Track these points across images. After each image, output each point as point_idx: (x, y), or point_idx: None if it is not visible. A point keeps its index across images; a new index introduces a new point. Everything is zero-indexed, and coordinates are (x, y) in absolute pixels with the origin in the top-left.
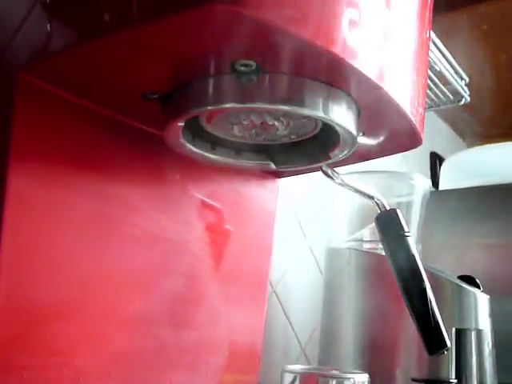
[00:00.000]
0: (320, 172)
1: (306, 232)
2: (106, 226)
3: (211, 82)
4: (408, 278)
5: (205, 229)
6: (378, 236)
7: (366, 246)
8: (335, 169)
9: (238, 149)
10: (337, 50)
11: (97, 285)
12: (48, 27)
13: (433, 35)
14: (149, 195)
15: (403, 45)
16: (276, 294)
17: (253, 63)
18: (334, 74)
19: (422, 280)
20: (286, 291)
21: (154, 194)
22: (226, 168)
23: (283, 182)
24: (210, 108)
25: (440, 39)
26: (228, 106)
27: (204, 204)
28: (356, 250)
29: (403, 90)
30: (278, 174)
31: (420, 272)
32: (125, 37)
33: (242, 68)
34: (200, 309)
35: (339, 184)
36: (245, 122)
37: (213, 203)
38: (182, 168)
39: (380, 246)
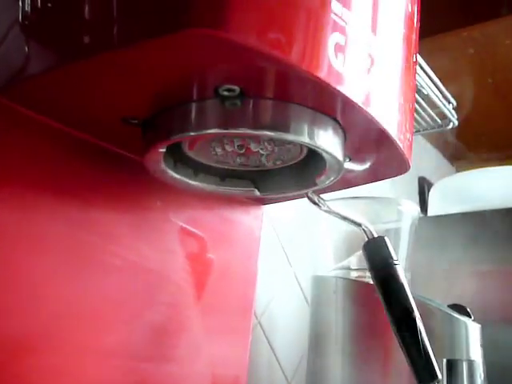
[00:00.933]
0: (306, 199)
1: (291, 260)
2: (83, 254)
3: (194, 106)
4: (397, 308)
5: (187, 257)
6: (365, 264)
7: (354, 274)
8: (321, 195)
9: (221, 175)
10: (322, 74)
11: (74, 317)
12: (26, 49)
13: (419, 58)
14: (129, 223)
15: (390, 69)
16: (260, 325)
17: (236, 88)
18: (319, 99)
19: (412, 309)
20: (270, 322)
21: (135, 221)
22: (209, 195)
23: (268, 209)
24: (192, 134)
25: (426, 62)
26: (211, 131)
27: (186, 232)
28: (343, 278)
29: (390, 114)
30: (262, 201)
31: (409, 301)
32: (105, 60)
33: (226, 93)
34: (182, 341)
35: (325, 211)
36: (229, 149)
37: (195, 231)
38: (163, 194)
39: (368, 274)
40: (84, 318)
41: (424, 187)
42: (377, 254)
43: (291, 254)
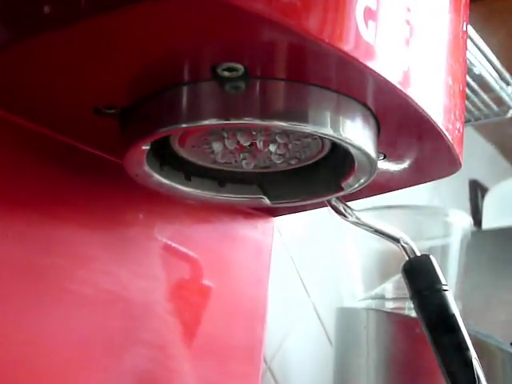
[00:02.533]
0: (328, 208)
1: (309, 288)
2: (47, 283)
3: (185, 91)
4: (448, 347)
5: (176, 285)
6: (405, 291)
7: (390, 305)
8: (348, 203)
9: (220, 179)
10: (348, 47)
11: (35, 361)
12: None
13: (470, 29)
14: (103, 242)
15: (434, 40)
16: (271, 372)
17: (240, 67)
18: (345, 80)
19: (466, 348)
20: (283, 367)
21: (110, 239)
22: (205, 205)
23: (279, 222)
24: (184, 126)
25: (479, 34)
26: (207, 122)
27: (175, 252)
28: (376, 310)
29: (435, 98)
30: (272, 212)
31: (463, 338)
32: (70, 34)
33: (226, 73)
34: None
35: (353, 223)
36: (230, 145)
37: (187, 251)
38: (146, 205)
39: (408, 304)
40: (48, 362)
41: (477, 193)
42: (420, 277)
43: (309, 279)
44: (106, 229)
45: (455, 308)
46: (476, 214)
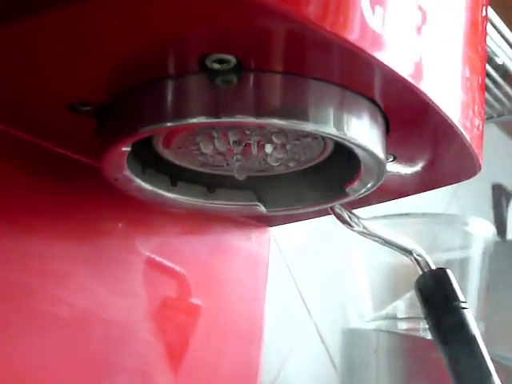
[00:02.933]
0: (331, 216)
1: (310, 306)
2: (16, 303)
3: (170, 85)
4: (468, 373)
5: (161, 304)
6: (419, 310)
7: (402, 325)
8: (354, 211)
9: (210, 184)
10: (353, 36)
11: None
12: None
13: (491, 12)
14: (79, 256)
15: (449, 27)
16: None
17: (231, 58)
18: (349, 72)
19: (489, 375)
20: None
21: (87, 253)
22: (193, 213)
23: (277, 233)
24: (168, 125)
25: (501, 18)
26: (195, 120)
27: (160, 267)
28: (388, 332)
29: (451, 92)
30: (269, 221)
31: (485, 363)
32: (40, 22)
33: (216, 65)
34: None
35: (360, 233)
36: (221, 147)
37: (173, 266)
38: (126, 214)
39: (423, 325)
40: None
41: (500, 199)
42: (435, 294)
43: (311, 296)
44: (82, 241)
45: (476, 329)
46: (500, 223)
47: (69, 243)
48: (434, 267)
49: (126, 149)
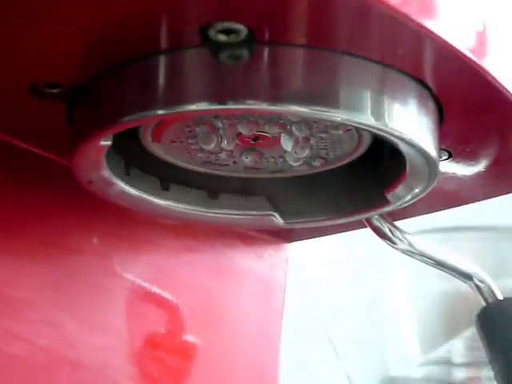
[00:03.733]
0: (367, 230)
1: (340, 348)
2: None
3: (163, 62)
4: None
5: (147, 342)
6: (481, 353)
7: (459, 373)
8: (397, 224)
9: (211, 188)
10: (396, 0)
11: None
12: None
13: None
14: (41, 280)
15: None
16: None
17: (241, 27)
18: (392, 46)
19: None
20: None
21: (52, 276)
22: (189, 226)
23: (296, 251)
24: (160, 113)
25: None
26: (194, 107)
27: (145, 294)
28: (439, 381)
29: None
30: (286, 236)
31: None
32: None
33: (222, 37)
34: None
35: (405, 252)
36: (225, 141)
37: (162, 293)
38: (103, 226)
39: (487, 372)
40: None
41: None
42: (503, 331)
43: (340, 336)
44: (46, 260)
45: None
46: None
47: (28, 263)
48: (500, 296)
49: (105, 143)
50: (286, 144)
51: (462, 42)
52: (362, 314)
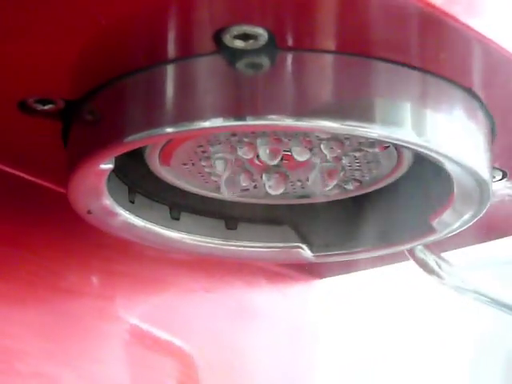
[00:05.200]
0: (410, 263)
1: None
2: None
3: (172, 72)
4: None
5: None
6: None
7: None
8: (444, 256)
9: (229, 217)
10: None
11: None
12: None
13: None
14: (34, 326)
15: None
16: None
17: (261, 32)
18: (435, 50)
19: None
20: None
21: (46, 321)
22: (204, 261)
23: (330, 290)
24: (169, 131)
25: None
26: (208, 124)
27: (152, 342)
28: None
29: None
30: (316, 272)
31: None
32: None
33: (239, 42)
34: None
35: (454, 288)
36: (244, 162)
37: (172, 340)
38: (104, 263)
39: None
40: None
41: None
42: None
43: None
44: (40, 305)
45: None
46: None
47: (20, 308)
48: None
49: (106, 166)
50: (314, 163)
51: None
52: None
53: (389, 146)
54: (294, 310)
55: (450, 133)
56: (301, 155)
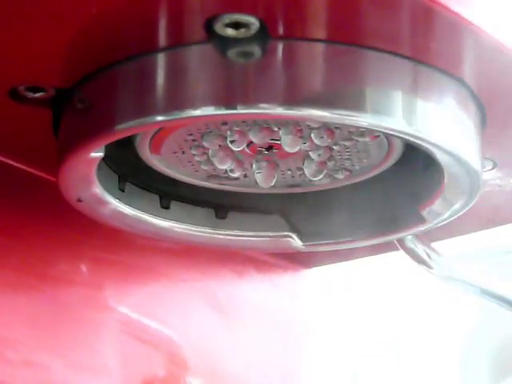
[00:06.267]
0: (400, 253)
1: None
2: None
3: (162, 61)
4: None
5: None
6: None
7: None
8: (434, 246)
9: (218, 206)
10: None
11: None
12: None
13: None
14: (24, 315)
15: None
16: None
17: (252, 20)
18: (426, 39)
19: None
20: None
21: (36, 310)
22: (193, 249)
23: (318, 279)
24: (159, 119)
25: None
26: (199, 113)
27: (142, 331)
28: None
29: None
30: (305, 261)
31: None
32: None
33: (230, 31)
34: None
35: (443, 278)
36: (235, 147)
37: (161, 329)
38: (94, 251)
39: None
40: None
41: None
42: None
43: (368, 374)
44: (29, 293)
45: None
46: None
47: (10, 296)
48: None
49: (96, 154)
50: (305, 153)
51: (506, 33)
52: (396, 350)
53: (379, 136)
54: (283, 299)
55: (441, 122)
56: (291, 144)
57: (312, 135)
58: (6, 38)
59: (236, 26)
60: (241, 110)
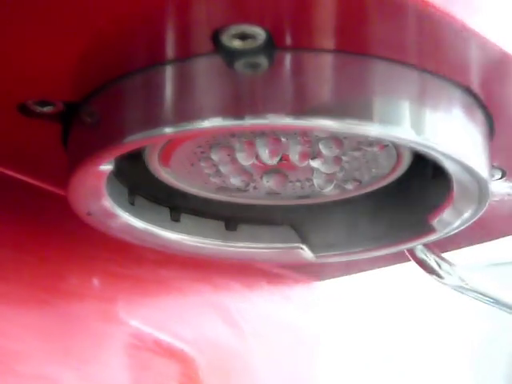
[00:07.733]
0: (411, 264)
1: None
2: None
3: (170, 73)
4: None
5: None
6: None
7: None
8: (444, 256)
9: (229, 218)
10: None
11: None
12: None
13: None
14: (36, 328)
15: None
16: None
17: (259, 31)
18: (433, 49)
19: None
20: None
21: (47, 324)
22: (204, 262)
23: (331, 292)
24: (168, 131)
25: None
26: (207, 124)
27: (154, 344)
28: None
29: None
30: (316, 273)
31: None
32: None
33: (237, 42)
34: None
35: (455, 288)
36: (245, 162)
37: (173, 343)
38: (104, 265)
39: None
40: None
41: None
42: None
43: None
44: (41, 307)
45: None
46: None
47: (21, 310)
48: None
49: (106, 167)
50: (314, 164)
51: (511, 42)
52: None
53: (388, 145)
54: (295, 311)
55: (449, 131)
56: (300, 157)
57: (320, 146)
58: (15, 53)
59: (243, 37)
60: (249, 121)
